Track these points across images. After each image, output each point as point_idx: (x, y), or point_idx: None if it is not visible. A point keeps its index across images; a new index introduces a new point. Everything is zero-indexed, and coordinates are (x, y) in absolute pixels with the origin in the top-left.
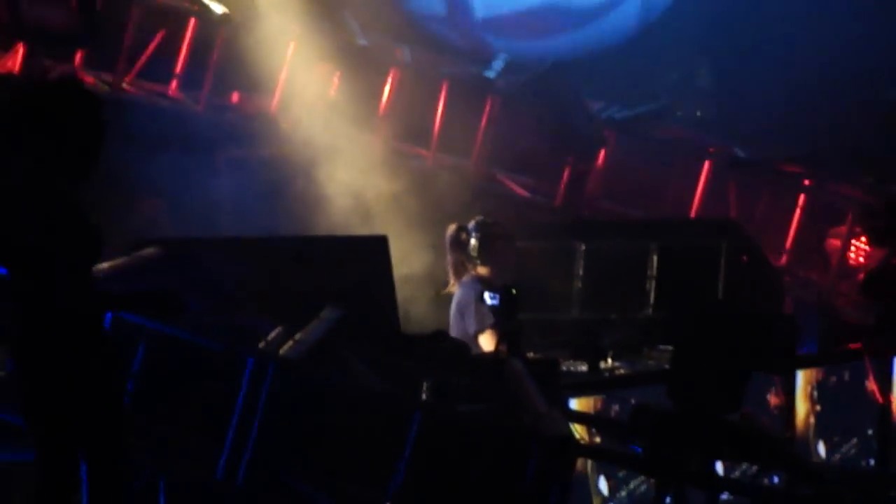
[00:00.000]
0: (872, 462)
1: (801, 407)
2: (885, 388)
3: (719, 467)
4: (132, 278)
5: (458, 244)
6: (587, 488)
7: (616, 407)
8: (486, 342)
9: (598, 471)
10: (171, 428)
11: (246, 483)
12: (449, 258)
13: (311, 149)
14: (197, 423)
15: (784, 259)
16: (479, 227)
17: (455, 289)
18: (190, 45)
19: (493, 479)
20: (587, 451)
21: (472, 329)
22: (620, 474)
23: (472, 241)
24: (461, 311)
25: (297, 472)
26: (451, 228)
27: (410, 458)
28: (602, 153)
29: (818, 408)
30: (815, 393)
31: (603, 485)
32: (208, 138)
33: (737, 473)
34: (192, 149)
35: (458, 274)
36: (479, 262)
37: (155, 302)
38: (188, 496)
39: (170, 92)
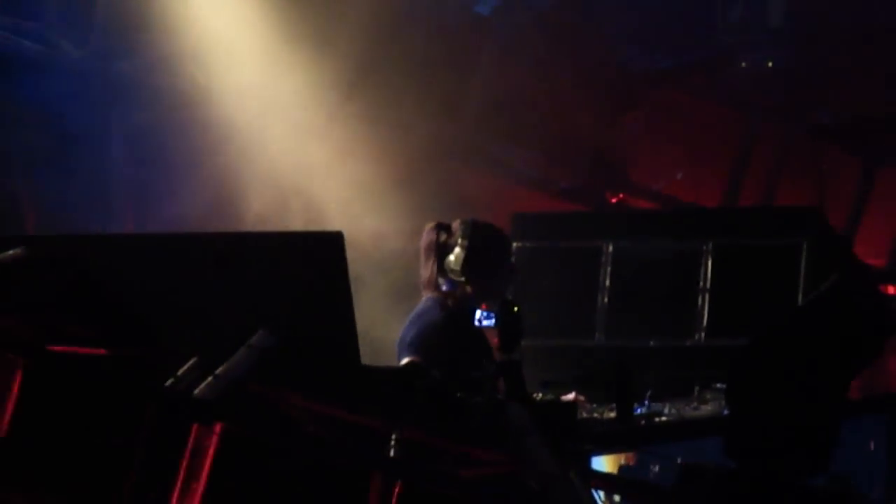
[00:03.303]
0: None
1: None
2: None
3: None
4: None
5: (437, 249)
6: None
7: (655, 468)
8: None
9: None
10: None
11: None
12: (423, 268)
13: (238, 110)
14: (75, 497)
15: (885, 262)
16: (468, 233)
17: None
18: None
19: None
20: None
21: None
22: None
23: (457, 252)
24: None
25: None
26: (428, 228)
27: None
28: (637, 115)
29: None
30: None
31: None
32: (96, 98)
33: None
34: (74, 112)
35: (433, 290)
36: (457, 279)
37: None
38: None
39: (38, 33)
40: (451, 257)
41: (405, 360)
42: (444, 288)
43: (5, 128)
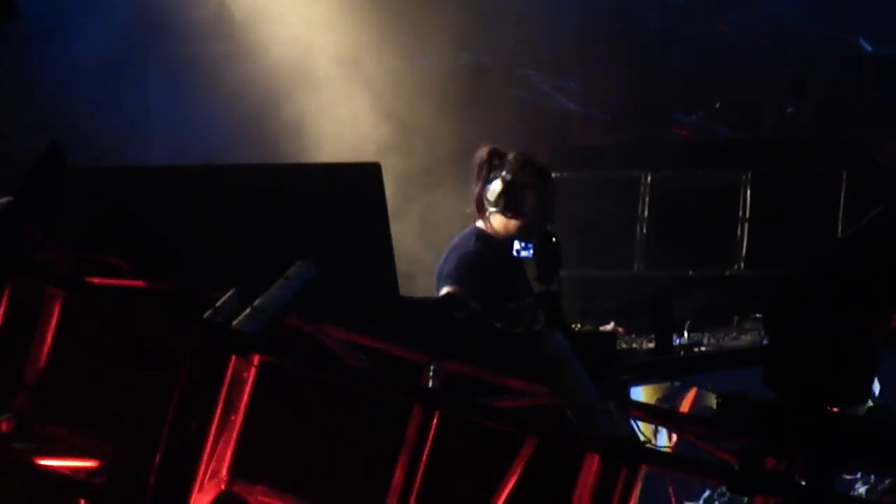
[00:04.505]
0: None
1: None
2: None
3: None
4: (28, 222)
5: (486, 173)
6: None
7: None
8: None
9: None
10: (83, 432)
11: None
12: (474, 188)
13: (277, 45)
14: (118, 426)
15: None
16: (513, 169)
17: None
18: None
19: (526, 496)
20: (656, 458)
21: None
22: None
23: (496, 184)
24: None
25: (260, 489)
26: (484, 151)
27: (412, 470)
28: (674, 48)
29: None
30: None
31: None
32: (134, 32)
33: (862, 490)
34: (111, 48)
35: (479, 211)
36: (496, 209)
37: None
38: None
39: None
40: (490, 187)
41: (443, 291)
42: (483, 214)
43: (46, 57)
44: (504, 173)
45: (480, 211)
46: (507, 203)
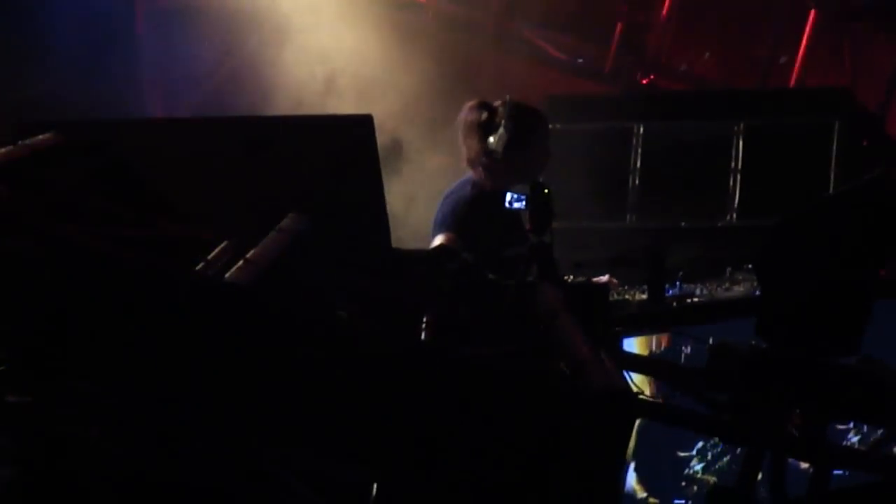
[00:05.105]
0: None
1: None
2: None
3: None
4: (20, 174)
5: (480, 128)
6: None
7: (687, 349)
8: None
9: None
10: (75, 383)
11: (181, 468)
12: (463, 146)
13: None
14: (111, 376)
15: None
16: (512, 114)
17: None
18: None
19: (518, 448)
20: (649, 409)
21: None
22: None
23: (501, 132)
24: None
25: (255, 449)
26: (470, 106)
27: (406, 422)
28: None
29: None
30: None
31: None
32: None
33: (854, 440)
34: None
35: (475, 167)
36: (498, 159)
37: None
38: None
39: None
40: (493, 138)
41: (437, 239)
42: (481, 167)
43: (32, 12)
44: (504, 121)
45: (475, 166)
46: (515, 149)
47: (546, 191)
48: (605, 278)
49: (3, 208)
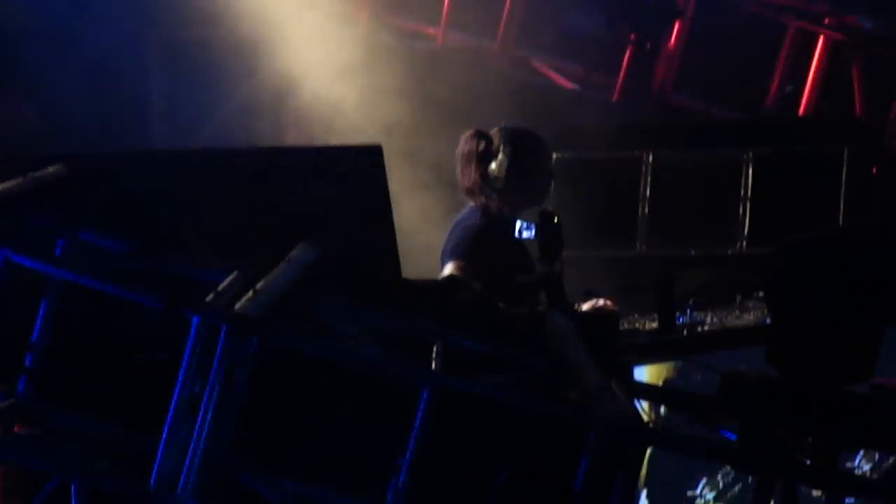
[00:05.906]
0: None
1: None
2: None
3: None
4: (28, 207)
5: (478, 158)
6: None
7: (698, 377)
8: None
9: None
10: (84, 417)
11: (191, 492)
12: (462, 176)
13: (268, 28)
14: (120, 410)
15: None
16: (508, 139)
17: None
18: None
19: (528, 477)
20: (660, 438)
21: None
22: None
23: (500, 158)
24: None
25: (262, 475)
26: (466, 136)
27: (416, 450)
28: (676, 28)
29: None
30: None
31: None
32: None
33: (866, 468)
34: (109, 31)
35: (475, 198)
36: (500, 187)
37: None
38: None
39: None
40: (494, 165)
41: (447, 268)
42: (484, 196)
43: (42, 48)
44: (502, 147)
45: (476, 196)
46: (517, 174)
47: (555, 220)
48: (601, 302)
49: None
